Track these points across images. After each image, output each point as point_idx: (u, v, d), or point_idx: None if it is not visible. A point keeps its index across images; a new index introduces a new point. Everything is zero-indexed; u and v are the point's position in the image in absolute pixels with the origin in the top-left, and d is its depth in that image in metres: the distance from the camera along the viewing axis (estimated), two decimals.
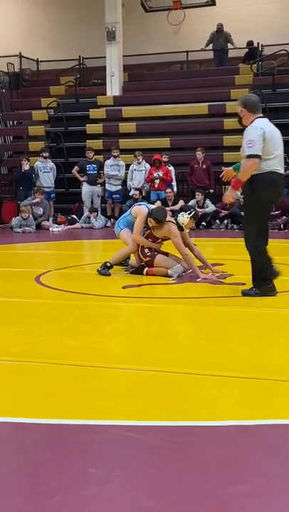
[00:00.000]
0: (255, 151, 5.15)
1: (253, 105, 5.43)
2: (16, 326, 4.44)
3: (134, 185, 13.81)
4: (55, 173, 14.35)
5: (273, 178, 5.27)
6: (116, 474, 2.20)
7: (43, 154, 14.24)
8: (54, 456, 2.37)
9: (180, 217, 6.67)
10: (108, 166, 13.91)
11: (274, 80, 15.35)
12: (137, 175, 13.84)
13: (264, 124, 5.32)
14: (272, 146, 5.25)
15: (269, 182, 5.26)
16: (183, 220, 6.65)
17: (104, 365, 3.44)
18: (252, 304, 5.15)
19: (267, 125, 5.34)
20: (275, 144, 5.29)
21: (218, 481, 2.17)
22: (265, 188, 5.25)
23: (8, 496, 2.09)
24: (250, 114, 5.40)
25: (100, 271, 6.63)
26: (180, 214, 6.69)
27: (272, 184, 5.27)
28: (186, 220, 6.64)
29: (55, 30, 19.79)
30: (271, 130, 5.34)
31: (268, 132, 5.28)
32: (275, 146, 5.29)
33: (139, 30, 18.53)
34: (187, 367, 3.38)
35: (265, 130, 5.24)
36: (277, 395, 2.98)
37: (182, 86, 16.61)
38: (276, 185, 5.31)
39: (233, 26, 17.25)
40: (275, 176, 5.28)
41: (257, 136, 5.19)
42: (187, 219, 6.64)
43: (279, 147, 5.34)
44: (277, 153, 5.28)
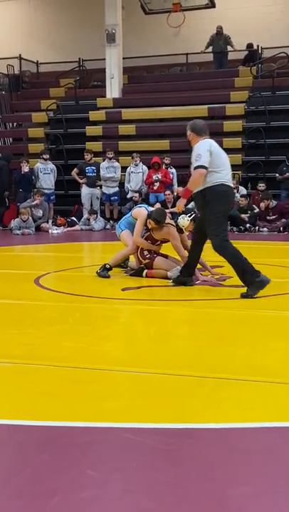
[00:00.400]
0: (202, 163, 5.61)
1: (200, 129, 5.96)
2: (16, 328, 4.44)
3: (132, 187, 13.83)
4: (55, 174, 14.35)
5: (225, 190, 5.72)
6: (115, 476, 2.21)
7: (43, 156, 14.24)
8: (53, 458, 2.37)
9: (180, 219, 6.66)
10: (104, 169, 13.91)
11: (274, 83, 15.38)
12: (134, 177, 13.86)
13: (210, 143, 5.80)
14: (219, 161, 5.72)
15: (222, 194, 5.69)
16: (183, 223, 6.65)
17: (104, 367, 3.44)
18: (251, 306, 5.15)
19: (213, 144, 5.82)
20: (222, 160, 5.77)
21: (217, 482, 2.17)
22: (218, 200, 5.66)
23: (7, 497, 2.09)
24: (197, 136, 5.88)
25: (100, 273, 6.64)
26: (180, 217, 6.69)
27: (224, 196, 5.71)
28: (187, 222, 6.64)
29: (55, 32, 19.81)
30: (218, 149, 5.83)
31: (215, 148, 5.76)
32: (223, 162, 5.76)
33: (139, 32, 18.56)
34: (186, 369, 3.38)
35: (212, 146, 5.75)
36: (276, 397, 2.98)
37: (182, 88, 16.63)
38: (227, 196, 5.78)
39: (232, 29, 17.28)
40: (226, 188, 5.74)
41: (204, 150, 5.66)
42: (188, 222, 6.64)
43: (226, 164, 5.81)
44: (224, 168, 5.75)
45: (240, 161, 14.56)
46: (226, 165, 5.84)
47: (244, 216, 12.65)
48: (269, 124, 14.65)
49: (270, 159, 14.23)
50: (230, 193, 5.93)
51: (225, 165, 5.81)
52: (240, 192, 13.42)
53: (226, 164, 5.84)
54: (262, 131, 14.43)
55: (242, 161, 14.58)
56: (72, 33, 19.32)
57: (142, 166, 13.78)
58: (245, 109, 15.16)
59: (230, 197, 5.99)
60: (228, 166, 5.87)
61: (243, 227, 12.61)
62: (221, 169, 5.73)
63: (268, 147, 14.36)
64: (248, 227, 12.57)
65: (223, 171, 5.73)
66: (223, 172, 5.73)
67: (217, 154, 5.76)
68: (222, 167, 5.74)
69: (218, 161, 5.72)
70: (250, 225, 12.61)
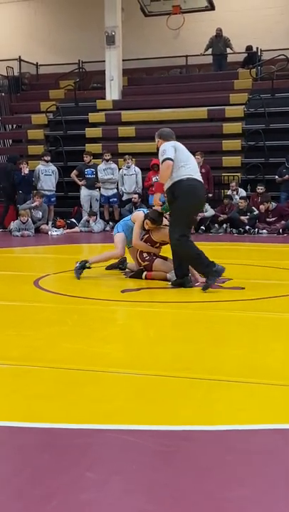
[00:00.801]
0: (168, 155, 5.85)
1: (167, 135, 6.25)
2: (15, 330, 4.43)
3: (126, 189, 13.83)
4: (56, 176, 14.35)
5: (193, 184, 5.87)
6: (114, 478, 2.20)
7: (44, 158, 14.25)
8: (52, 459, 2.36)
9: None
10: (101, 171, 13.92)
11: (273, 85, 15.41)
12: (127, 179, 13.86)
13: (174, 143, 6.06)
14: (185, 157, 5.94)
15: (189, 189, 5.85)
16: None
17: (102, 369, 3.44)
18: (250, 309, 5.15)
19: (177, 143, 6.06)
20: (187, 155, 5.98)
21: (216, 484, 2.17)
22: (185, 194, 5.84)
23: (6, 499, 2.08)
24: (163, 142, 6.15)
25: (76, 269, 6.60)
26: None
27: (191, 190, 5.86)
28: None
29: (55, 34, 19.84)
30: (182, 147, 6.04)
31: (179, 146, 6.00)
32: (188, 157, 5.97)
33: (139, 34, 18.59)
34: (185, 371, 3.38)
35: (176, 144, 6.01)
36: (274, 399, 2.98)
37: (181, 90, 16.66)
38: (195, 191, 5.90)
39: (232, 31, 17.32)
40: (192, 182, 5.86)
41: (168, 146, 5.95)
42: None
43: (191, 160, 6.01)
44: (190, 163, 5.94)
45: (239, 163, 14.59)
46: (192, 160, 6.01)
47: (243, 218, 12.66)
48: (268, 126, 14.67)
49: (269, 161, 14.24)
50: (199, 187, 5.97)
51: (190, 160, 5.99)
52: (240, 194, 13.43)
53: (191, 160, 6.01)
54: (261, 133, 14.45)
55: (241, 163, 14.60)
56: (72, 35, 19.36)
57: (135, 168, 13.78)
58: (244, 111, 15.18)
59: (199, 192, 5.99)
60: (194, 163, 6.04)
61: (242, 229, 12.62)
62: (186, 164, 5.89)
63: (268, 149, 14.38)
64: (247, 229, 12.58)
65: (188, 167, 5.89)
66: (188, 167, 5.88)
67: (181, 150, 5.95)
68: (187, 162, 5.92)
69: (183, 157, 5.92)
70: (250, 227, 12.62)
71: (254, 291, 5.99)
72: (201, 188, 6.01)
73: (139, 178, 13.74)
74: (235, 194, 13.49)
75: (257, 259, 9.01)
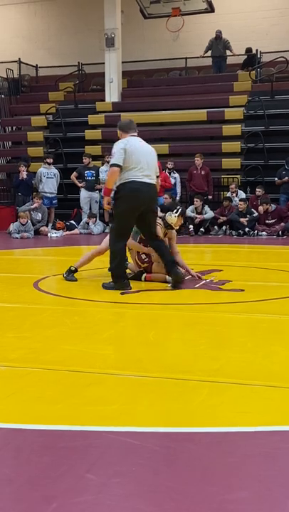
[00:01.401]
0: (114, 161, 6.03)
1: (125, 127, 6.34)
2: (14, 332, 4.43)
3: None
4: (58, 179, 14.35)
5: (133, 187, 5.98)
6: (114, 480, 2.20)
7: (47, 160, 14.24)
8: (52, 462, 2.36)
9: (168, 216, 6.70)
10: (103, 172, 13.93)
11: (272, 87, 15.41)
12: None
13: (129, 140, 6.13)
14: (134, 159, 6.00)
15: (127, 190, 6.01)
16: (171, 220, 6.69)
17: (102, 371, 3.43)
18: (250, 310, 5.15)
19: (132, 142, 6.12)
20: (138, 157, 6.02)
21: (217, 487, 2.16)
22: (124, 195, 6.02)
23: (6, 502, 2.08)
24: (124, 134, 6.28)
25: (66, 277, 6.66)
26: (167, 214, 6.72)
27: (130, 192, 5.99)
28: (175, 218, 6.68)
29: (55, 36, 19.86)
30: (136, 146, 6.10)
31: (132, 146, 6.05)
32: (138, 159, 6.02)
33: (138, 36, 18.60)
34: (186, 373, 3.38)
35: (127, 144, 6.05)
36: (275, 401, 2.98)
37: (181, 92, 16.67)
38: (137, 193, 5.99)
39: (231, 33, 17.33)
40: (135, 185, 5.98)
41: (118, 149, 6.05)
42: (175, 218, 6.68)
43: (143, 162, 6.04)
44: (142, 166, 6.01)
45: (239, 165, 14.59)
46: (143, 163, 6.04)
47: (243, 220, 12.67)
48: (268, 128, 14.68)
49: (269, 163, 14.25)
50: (142, 190, 6.02)
51: (141, 163, 6.03)
52: (239, 196, 13.43)
53: (143, 162, 6.05)
54: (261, 136, 14.46)
55: (241, 165, 14.61)
56: (72, 37, 19.37)
57: None
58: (244, 113, 15.18)
59: (142, 194, 6.03)
60: (147, 164, 6.07)
61: (242, 231, 12.62)
62: (134, 167, 5.99)
63: (267, 151, 14.39)
64: (246, 231, 12.58)
65: (135, 170, 5.99)
66: (135, 170, 5.99)
67: (132, 152, 6.02)
68: (136, 165, 6.00)
69: (133, 159, 6.00)
70: (249, 229, 12.62)
71: (254, 293, 5.99)
72: (145, 190, 6.05)
73: None
74: (234, 196, 13.49)
75: (256, 261, 9.01)
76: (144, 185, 6.04)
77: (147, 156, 6.14)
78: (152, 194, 6.20)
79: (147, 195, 6.09)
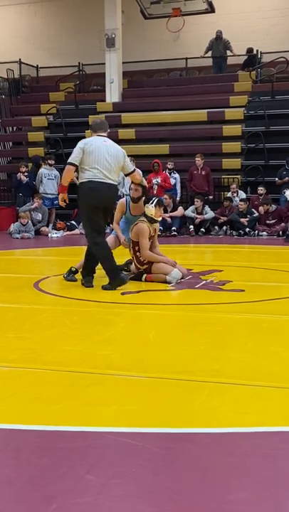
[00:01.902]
0: (70, 160, 6.23)
1: (95, 127, 6.58)
2: (14, 332, 4.43)
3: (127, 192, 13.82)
4: (58, 181, 14.34)
5: (91, 186, 6.14)
6: (114, 481, 2.19)
7: (48, 161, 14.23)
8: (52, 462, 2.35)
9: (146, 209, 6.70)
10: None
11: (273, 87, 15.39)
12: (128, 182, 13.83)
13: (91, 140, 6.34)
14: (92, 159, 6.14)
15: (86, 190, 6.18)
16: (150, 211, 6.68)
17: (102, 371, 3.43)
18: (250, 311, 5.15)
19: (94, 142, 6.28)
20: (98, 157, 6.15)
21: (217, 487, 2.16)
22: (83, 195, 6.23)
23: (5, 502, 2.07)
24: (93, 133, 6.55)
25: (66, 277, 6.68)
26: (145, 207, 6.71)
27: (89, 191, 6.15)
28: (152, 209, 6.68)
29: (55, 36, 19.85)
30: (98, 146, 6.22)
31: (92, 147, 6.18)
32: (98, 159, 6.15)
33: (139, 37, 18.59)
34: (186, 373, 3.37)
35: (87, 144, 6.23)
36: (275, 402, 2.98)
37: (181, 93, 16.66)
38: (95, 192, 6.13)
39: (232, 33, 17.32)
40: (93, 185, 6.13)
41: (77, 148, 6.22)
42: (153, 208, 6.67)
43: (103, 161, 6.16)
44: (101, 166, 6.14)
45: (239, 165, 14.58)
46: (103, 163, 6.17)
47: (243, 220, 12.66)
48: (268, 129, 14.67)
49: (269, 163, 14.24)
50: (100, 189, 6.15)
51: (99, 163, 6.16)
52: (240, 196, 13.42)
53: (103, 163, 6.17)
54: (261, 136, 14.45)
55: (241, 165, 14.60)
56: (72, 38, 19.37)
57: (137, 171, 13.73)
58: (244, 113, 15.17)
59: (99, 193, 6.16)
60: (108, 164, 6.18)
61: (242, 231, 12.61)
62: (92, 167, 6.14)
63: (268, 151, 14.38)
64: (247, 232, 12.58)
65: (94, 169, 6.14)
66: (93, 170, 6.14)
67: (91, 153, 6.15)
68: (94, 165, 6.14)
69: (92, 159, 6.14)
70: (250, 229, 12.61)
71: (254, 293, 5.99)
72: (104, 190, 6.18)
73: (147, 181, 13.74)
74: (235, 196, 13.49)
75: (257, 261, 9.01)
76: (102, 185, 6.16)
77: (110, 156, 6.23)
78: (112, 194, 6.34)
79: (107, 194, 6.23)
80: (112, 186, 6.28)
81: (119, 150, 6.39)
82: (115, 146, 6.41)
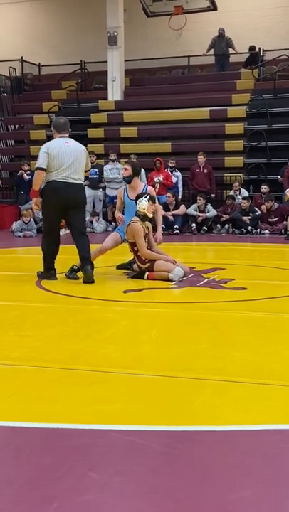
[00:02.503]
0: (38, 164, 6.53)
1: (58, 127, 6.76)
2: (16, 330, 4.42)
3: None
4: None
5: (54, 186, 6.45)
6: (117, 479, 2.19)
7: None
8: (54, 461, 2.35)
9: (139, 204, 6.66)
10: (107, 171, 13.93)
11: (275, 85, 15.37)
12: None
13: (54, 144, 6.58)
14: (56, 162, 6.44)
15: (48, 190, 6.53)
16: (143, 206, 6.65)
17: (104, 369, 3.42)
18: (252, 309, 5.14)
19: (56, 145, 6.54)
20: (61, 159, 6.45)
21: (218, 487, 2.15)
22: (47, 195, 6.57)
23: (7, 501, 2.07)
24: (56, 133, 6.74)
25: (68, 275, 6.72)
26: (138, 202, 6.69)
27: (52, 192, 6.48)
28: (146, 203, 6.65)
29: (57, 34, 19.84)
30: (60, 148, 6.50)
31: (55, 150, 6.47)
32: (61, 161, 6.44)
33: (141, 34, 18.57)
34: (188, 371, 3.37)
35: (50, 148, 6.51)
36: (277, 400, 2.97)
37: (183, 91, 16.64)
38: (54, 191, 6.45)
39: (234, 31, 17.29)
40: (56, 185, 6.44)
41: (42, 153, 6.53)
42: (146, 203, 6.64)
43: (66, 163, 6.46)
44: (64, 167, 6.44)
45: (241, 164, 14.56)
46: (66, 164, 6.46)
47: (246, 218, 12.64)
48: (271, 127, 14.65)
49: (271, 162, 14.22)
50: (63, 189, 6.45)
51: (63, 164, 6.45)
52: (242, 194, 13.40)
53: (66, 164, 6.46)
54: (263, 134, 14.43)
55: (243, 163, 14.58)
56: (74, 36, 19.35)
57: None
58: (246, 111, 15.15)
59: (62, 192, 6.44)
60: (70, 165, 6.47)
61: (244, 229, 12.59)
62: (56, 169, 6.45)
63: (270, 149, 14.36)
64: (249, 230, 12.56)
65: (58, 171, 6.45)
66: (58, 171, 6.45)
67: (55, 156, 6.45)
68: (58, 167, 6.45)
69: (55, 162, 6.45)
70: (252, 227, 12.59)
71: (256, 291, 5.98)
72: (65, 189, 6.45)
73: (143, 178, 13.70)
74: (237, 194, 13.47)
75: (259, 259, 9.00)
76: (64, 185, 6.45)
77: (71, 157, 6.50)
78: (75, 192, 6.55)
79: (69, 193, 6.47)
80: (75, 185, 6.54)
81: (80, 150, 6.66)
82: (77, 146, 6.66)
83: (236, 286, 6.15)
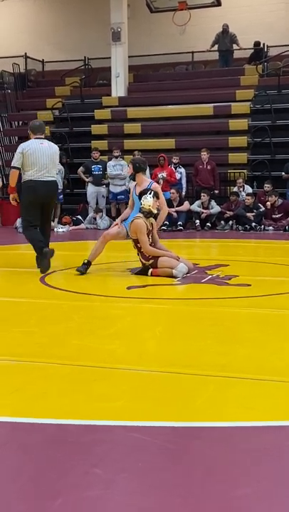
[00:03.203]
0: (13, 164, 7.15)
1: (33, 128, 7.34)
2: (21, 327, 4.43)
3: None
4: (63, 175, 14.34)
5: (30, 185, 7.02)
6: (121, 476, 2.20)
7: None
8: (59, 456, 2.36)
9: (144, 200, 6.65)
10: (111, 167, 13.92)
11: (279, 81, 15.31)
12: None
13: (29, 144, 7.12)
14: (31, 161, 7.00)
15: (26, 188, 7.09)
16: (148, 203, 6.64)
17: (109, 365, 3.43)
18: (256, 305, 5.14)
19: (31, 145, 7.10)
20: (36, 159, 7.01)
21: (222, 483, 2.15)
22: (24, 193, 7.13)
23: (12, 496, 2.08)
24: (31, 134, 7.28)
25: (80, 270, 6.73)
26: (143, 198, 6.67)
27: (28, 190, 7.05)
28: (150, 200, 6.64)
29: (61, 30, 19.80)
30: (35, 149, 7.05)
31: (30, 150, 7.03)
32: (36, 161, 7.01)
33: (145, 30, 18.53)
34: (192, 368, 3.37)
35: (25, 149, 7.06)
36: (282, 396, 2.97)
37: (187, 87, 16.61)
38: (32, 190, 7.01)
39: (238, 27, 17.24)
40: (33, 183, 7.00)
41: (17, 152, 7.13)
42: (151, 199, 6.64)
43: (40, 162, 7.02)
44: (39, 166, 7.00)
45: (245, 160, 14.53)
46: (40, 164, 7.01)
47: (250, 215, 12.63)
48: (275, 123, 14.61)
49: (275, 158, 14.19)
50: (39, 187, 7.01)
51: (38, 164, 7.01)
52: (246, 190, 13.38)
53: (41, 163, 7.02)
54: (267, 130, 14.39)
55: (247, 159, 14.55)
56: (78, 32, 19.32)
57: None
58: (250, 107, 15.11)
59: (38, 191, 7.02)
60: (45, 164, 7.02)
61: (248, 226, 12.58)
62: (31, 169, 7.00)
63: (274, 146, 14.32)
64: (253, 226, 12.54)
65: (33, 170, 7.00)
66: (33, 170, 7.00)
67: (29, 156, 6.99)
68: (33, 166, 7.00)
69: (30, 162, 6.99)
70: (256, 223, 12.58)
71: (260, 287, 5.98)
72: (42, 187, 7.02)
73: (147, 174, 13.68)
74: (241, 191, 13.45)
75: (263, 256, 8.99)
76: (40, 183, 7.02)
77: (46, 156, 7.07)
78: (51, 190, 7.24)
79: (45, 191, 7.08)
80: (50, 183, 7.14)
81: (54, 149, 7.27)
82: (51, 146, 7.26)
83: (240, 283, 6.14)
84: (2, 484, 2.16)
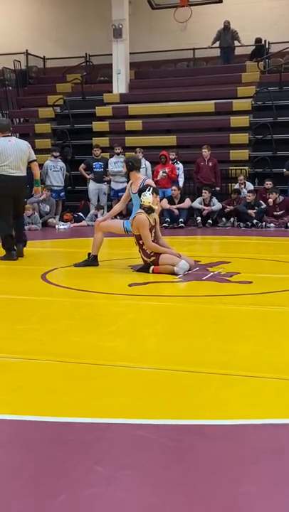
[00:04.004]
0: None
1: (2, 128, 7.84)
2: (22, 324, 4.43)
3: None
4: (64, 172, 14.33)
5: (2, 179, 7.56)
6: (124, 473, 2.19)
7: (53, 154, 14.23)
8: (61, 454, 2.36)
9: (143, 198, 6.66)
10: (112, 164, 13.92)
11: (281, 78, 15.30)
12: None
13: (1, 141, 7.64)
14: (1, 158, 7.57)
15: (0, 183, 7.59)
16: (148, 199, 6.64)
17: (110, 363, 3.43)
18: (258, 303, 5.13)
19: (1, 143, 7.61)
20: (5, 156, 7.59)
21: (226, 481, 2.15)
22: None
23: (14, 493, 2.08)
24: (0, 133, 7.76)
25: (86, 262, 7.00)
26: (142, 195, 6.68)
27: (1, 183, 7.56)
28: (150, 196, 6.65)
29: (62, 27, 19.78)
30: (5, 146, 7.60)
31: (0, 148, 7.56)
32: (6, 157, 7.58)
33: (146, 27, 18.51)
34: (194, 365, 3.37)
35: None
36: (285, 394, 2.97)
37: (189, 83, 16.59)
38: (4, 183, 7.57)
39: (240, 23, 17.21)
40: (4, 178, 7.57)
41: None
42: (150, 196, 6.64)
43: (10, 157, 7.59)
44: (7, 162, 7.58)
45: (247, 157, 14.52)
46: (10, 160, 7.57)
47: (251, 212, 12.62)
48: (276, 120, 14.59)
49: (277, 155, 14.17)
50: (9, 182, 7.59)
51: (8, 160, 7.56)
52: (248, 187, 13.37)
53: (11, 159, 7.57)
54: (269, 127, 14.38)
55: (249, 156, 14.54)
56: (79, 28, 19.30)
57: (145, 162, 13.71)
58: (252, 104, 15.10)
59: (9, 185, 7.61)
60: (15, 160, 7.59)
61: (250, 222, 12.57)
62: (2, 164, 7.53)
63: (275, 142, 14.31)
64: (254, 223, 12.54)
65: (4, 166, 7.54)
66: (4, 167, 7.55)
67: (1, 152, 7.53)
68: (3, 162, 7.53)
69: (2, 157, 7.53)
70: (257, 220, 12.57)
71: (262, 285, 5.97)
72: (12, 181, 7.61)
73: (148, 172, 13.67)
74: (243, 188, 13.44)
75: (264, 253, 8.99)
76: (11, 178, 7.59)
77: (15, 152, 7.61)
78: (21, 184, 7.82)
79: (15, 185, 7.66)
80: (20, 178, 7.71)
81: (23, 145, 7.80)
82: (19, 143, 7.83)
83: (242, 280, 6.14)
84: (3, 482, 2.16)
